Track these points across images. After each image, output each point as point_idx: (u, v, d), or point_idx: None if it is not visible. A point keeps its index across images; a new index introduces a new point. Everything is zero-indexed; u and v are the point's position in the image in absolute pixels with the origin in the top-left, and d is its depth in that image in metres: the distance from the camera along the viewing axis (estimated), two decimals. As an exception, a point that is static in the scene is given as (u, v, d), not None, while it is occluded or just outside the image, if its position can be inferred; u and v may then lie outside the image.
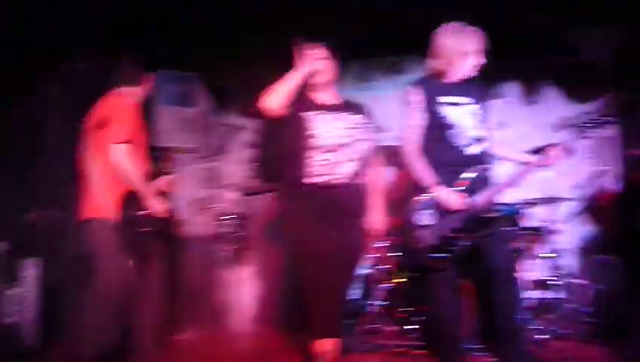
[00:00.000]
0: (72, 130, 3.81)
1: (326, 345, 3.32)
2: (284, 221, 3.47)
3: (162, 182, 4.08)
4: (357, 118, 3.56)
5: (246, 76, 6.13)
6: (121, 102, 3.73)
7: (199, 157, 6.51)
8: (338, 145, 3.38)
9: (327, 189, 3.37)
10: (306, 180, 3.36)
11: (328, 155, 3.36)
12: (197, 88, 6.37)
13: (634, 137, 5.71)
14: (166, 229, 4.16)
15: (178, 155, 6.16)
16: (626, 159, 5.91)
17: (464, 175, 3.59)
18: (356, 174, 3.47)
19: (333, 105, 3.59)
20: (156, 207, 3.76)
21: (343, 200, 3.45)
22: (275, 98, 3.38)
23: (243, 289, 5.53)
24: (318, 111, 3.49)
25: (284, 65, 3.53)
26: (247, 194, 5.71)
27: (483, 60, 3.64)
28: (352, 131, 3.45)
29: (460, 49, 3.59)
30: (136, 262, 3.64)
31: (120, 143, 3.58)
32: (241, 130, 6.60)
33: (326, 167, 3.36)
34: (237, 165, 6.50)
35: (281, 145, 3.44)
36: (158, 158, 4.44)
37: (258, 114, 3.81)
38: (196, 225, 6.33)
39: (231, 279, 5.75)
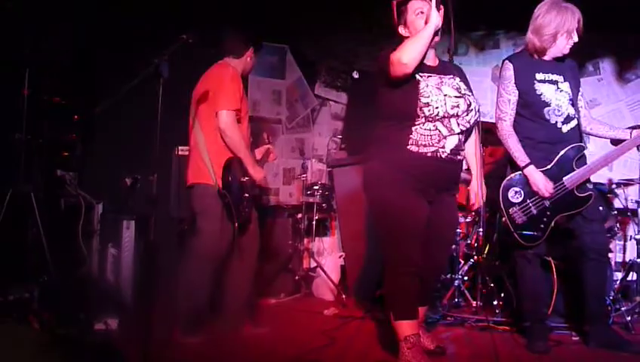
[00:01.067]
0: (176, 99, 3.96)
1: (408, 329, 3.11)
2: (379, 188, 3.17)
3: (261, 151, 4.22)
4: (462, 83, 3.27)
5: (337, 50, 6.26)
6: (227, 72, 3.82)
7: (288, 128, 6.66)
8: (449, 115, 3.10)
9: (430, 161, 3.11)
10: (413, 148, 3.11)
11: (438, 125, 3.10)
12: (288, 60, 6.52)
13: None
14: (261, 197, 4.26)
15: (269, 125, 6.33)
16: None
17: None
18: (461, 148, 3.22)
19: (439, 67, 3.29)
20: (257, 174, 3.87)
21: (446, 176, 3.23)
22: (411, 54, 2.97)
23: (327, 259, 5.61)
24: (428, 74, 3.18)
25: (375, 37, 3.56)
26: (334, 166, 5.72)
27: (577, 39, 3.61)
28: (460, 100, 3.15)
29: (561, 27, 3.57)
30: (238, 226, 3.76)
31: (227, 111, 3.70)
32: (330, 102, 6.68)
33: (434, 137, 3.11)
34: (325, 137, 6.62)
35: (390, 108, 3.17)
36: (256, 128, 4.55)
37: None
38: (285, 194, 6.54)
39: (316, 248, 5.88)
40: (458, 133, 3.15)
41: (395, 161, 3.14)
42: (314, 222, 5.68)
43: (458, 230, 4.90)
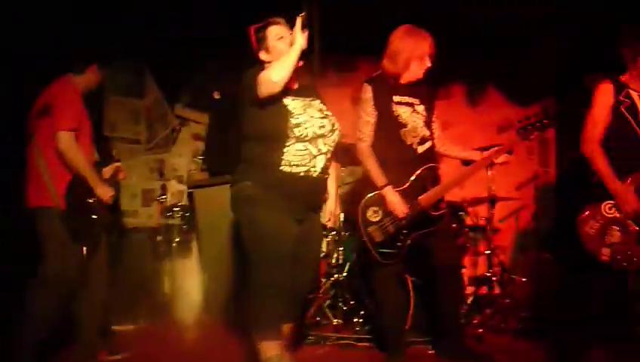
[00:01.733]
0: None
1: (272, 349, 3.07)
2: (250, 209, 3.14)
3: (109, 170, 4.04)
4: (323, 105, 3.36)
5: (197, 68, 6.18)
6: (67, 90, 3.66)
7: (147, 149, 6.44)
8: (317, 135, 3.16)
9: (302, 181, 3.13)
10: (286, 169, 3.10)
11: (308, 145, 3.13)
12: (147, 80, 6.34)
13: (570, 140, 5.91)
14: (112, 218, 4.08)
15: (127, 145, 6.11)
16: (564, 161, 6.14)
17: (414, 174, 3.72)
18: (329, 167, 3.28)
19: (301, 89, 3.36)
20: (103, 194, 3.72)
21: (316, 194, 3.30)
22: (281, 73, 3.02)
23: (188, 281, 5.48)
24: (293, 97, 3.24)
25: (237, 56, 3.53)
26: (194, 187, 5.58)
27: (431, 64, 3.75)
28: (325, 121, 3.24)
29: (414, 53, 3.69)
30: (85, 249, 3.60)
31: (66, 132, 3.55)
32: (191, 122, 6.55)
33: (305, 157, 3.13)
34: (185, 158, 6.47)
35: (260, 128, 3.15)
36: (106, 147, 4.38)
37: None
38: (143, 216, 6.31)
39: (176, 270, 5.69)
40: (325, 153, 3.20)
41: (268, 181, 3.12)
42: (174, 245, 5.52)
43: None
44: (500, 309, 4.81)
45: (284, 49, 3.19)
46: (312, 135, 3.14)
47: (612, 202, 3.42)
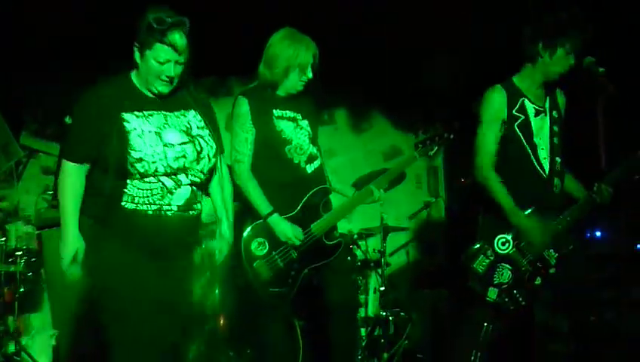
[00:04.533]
0: None
1: None
2: (92, 253, 2.58)
3: None
4: (195, 120, 2.70)
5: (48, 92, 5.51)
6: None
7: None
8: (173, 170, 2.56)
9: (155, 220, 2.57)
10: (128, 206, 2.54)
11: (161, 178, 2.55)
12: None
13: (459, 167, 5.76)
14: None
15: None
16: (453, 189, 5.98)
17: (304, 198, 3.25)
18: (194, 201, 2.67)
19: (173, 99, 2.68)
20: None
21: (176, 237, 2.66)
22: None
23: (35, 339, 4.78)
24: (152, 110, 2.60)
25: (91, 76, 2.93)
26: (43, 227, 4.92)
27: (312, 75, 3.29)
28: (186, 147, 2.61)
29: (294, 60, 3.22)
30: None
31: None
32: (40, 153, 5.86)
33: (155, 192, 2.56)
34: (33, 194, 5.71)
35: (103, 160, 2.53)
36: None
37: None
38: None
39: (21, 326, 4.95)
40: (189, 185, 2.62)
41: (109, 220, 2.54)
42: (17, 296, 4.74)
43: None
44: (397, 352, 4.51)
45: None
46: (163, 171, 2.54)
47: (506, 237, 3.03)
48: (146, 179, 2.53)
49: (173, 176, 2.57)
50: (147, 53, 2.51)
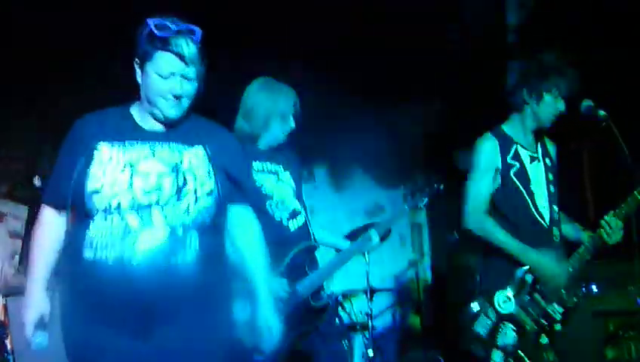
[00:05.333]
0: None
1: None
2: (62, 321, 2.11)
3: None
4: (186, 151, 2.17)
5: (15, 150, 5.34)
6: None
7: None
8: (142, 205, 2.05)
9: (118, 272, 1.99)
10: (88, 254, 2.02)
11: (125, 216, 2.04)
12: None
13: (446, 221, 5.63)
14: None
15: None
16: (442, 245, 5.83)
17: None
18: (177, 248, 2.06)
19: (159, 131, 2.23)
20: None
21: (146, 297, 2.01)
22: None
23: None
24: (125, 141, 2.14)
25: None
26: (9, 295, 4.63)
27: (294, 125, 3.15)
28: (164, 180, 2.09)
29: (274, 109, 3.09)
30: None
31: None
32: (7, 216, 5.53)
33: (116, 233, 2.03)
34: (-1, 260, 5.40)
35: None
36: None
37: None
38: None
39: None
40: (165, 226, 2.05)
41: (70, 276, 2.08)
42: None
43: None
44: None
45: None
46: (127, 205, 2.03)
47: (506, 293, 2.81)
48: (111, 216, 2.04)
49: (142, 214, 2.05)
50: (148, 67, 2.10)
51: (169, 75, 2.08)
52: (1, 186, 5.55)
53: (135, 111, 2.23)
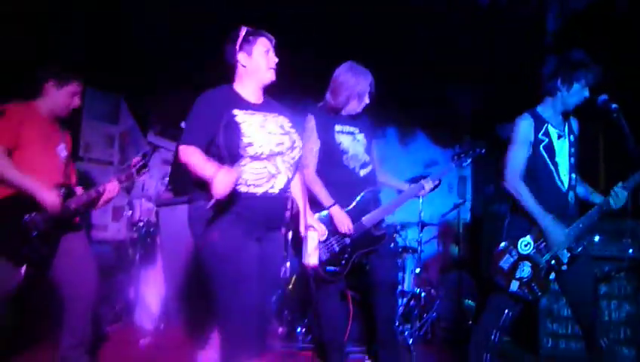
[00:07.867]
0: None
1: None
2: (206, 228, 2.33)
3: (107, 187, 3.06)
4: (286, 121, 2.52)
5: (169, 100, 5.45)
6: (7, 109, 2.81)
7: (120, 170, 5.59)
8: (274, 153, 2.36)
9: (260, 200, 2.34)
10: (242, 189, 2.30)
11: (266, 163, 2.34)
12: (122, 108, 5.57)
13: (485, 176, 5.50)
14: (71, 227, 3.13)
15: (101, 166, 5.33)
16: (481, 194, 5.71)
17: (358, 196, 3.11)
18: (288, 185, 2.46)
19: (263, 104, 2.54)
20: (48, 199, 2.76)
21: (276, 214, 2.44)
22: (189, 165, 2.32)
23: (149, 289, 4.71)
24: (252, 112, 2.42)
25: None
26: (160, 205, 4.82)
27: (369, 101, 3.18)
28: (284, 138, 2.43)
29: (354, 90, 3.11)
30: (30, 268, 2.72)
31: None
32: (161, 148, 5.80)
33: (263, 176, 2.34)
34: (155, 179, 5.67)
35: (214, 149, 2.33)
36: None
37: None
38: (113, 230, 5.49)
39: (139, 279, 4.91)
40: (285, 171, 2.41)
41: (224, 201, 2.26)
42: (138, 256, 4.73)
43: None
44: (427, 322, 4.26)
45: (264, 65, 2.46)
46: (268, 152, 2.33)
47: (528, 239, 2.75)
48: (256, 164, 2.32)
49: (272, 162, 2.36)
50: (253, 50, 2.45)
51: (268, 50, 2.49)
52: (156, 126, 5.84)
53: (239, 90, 2.49)
